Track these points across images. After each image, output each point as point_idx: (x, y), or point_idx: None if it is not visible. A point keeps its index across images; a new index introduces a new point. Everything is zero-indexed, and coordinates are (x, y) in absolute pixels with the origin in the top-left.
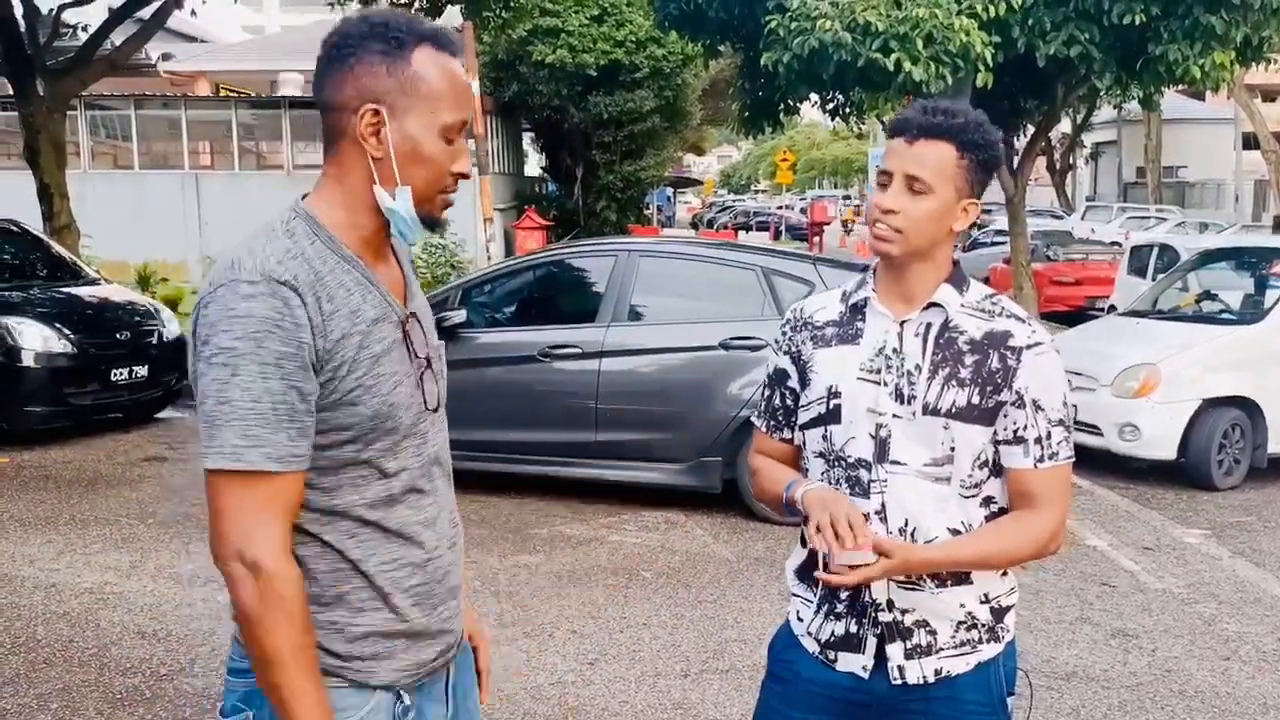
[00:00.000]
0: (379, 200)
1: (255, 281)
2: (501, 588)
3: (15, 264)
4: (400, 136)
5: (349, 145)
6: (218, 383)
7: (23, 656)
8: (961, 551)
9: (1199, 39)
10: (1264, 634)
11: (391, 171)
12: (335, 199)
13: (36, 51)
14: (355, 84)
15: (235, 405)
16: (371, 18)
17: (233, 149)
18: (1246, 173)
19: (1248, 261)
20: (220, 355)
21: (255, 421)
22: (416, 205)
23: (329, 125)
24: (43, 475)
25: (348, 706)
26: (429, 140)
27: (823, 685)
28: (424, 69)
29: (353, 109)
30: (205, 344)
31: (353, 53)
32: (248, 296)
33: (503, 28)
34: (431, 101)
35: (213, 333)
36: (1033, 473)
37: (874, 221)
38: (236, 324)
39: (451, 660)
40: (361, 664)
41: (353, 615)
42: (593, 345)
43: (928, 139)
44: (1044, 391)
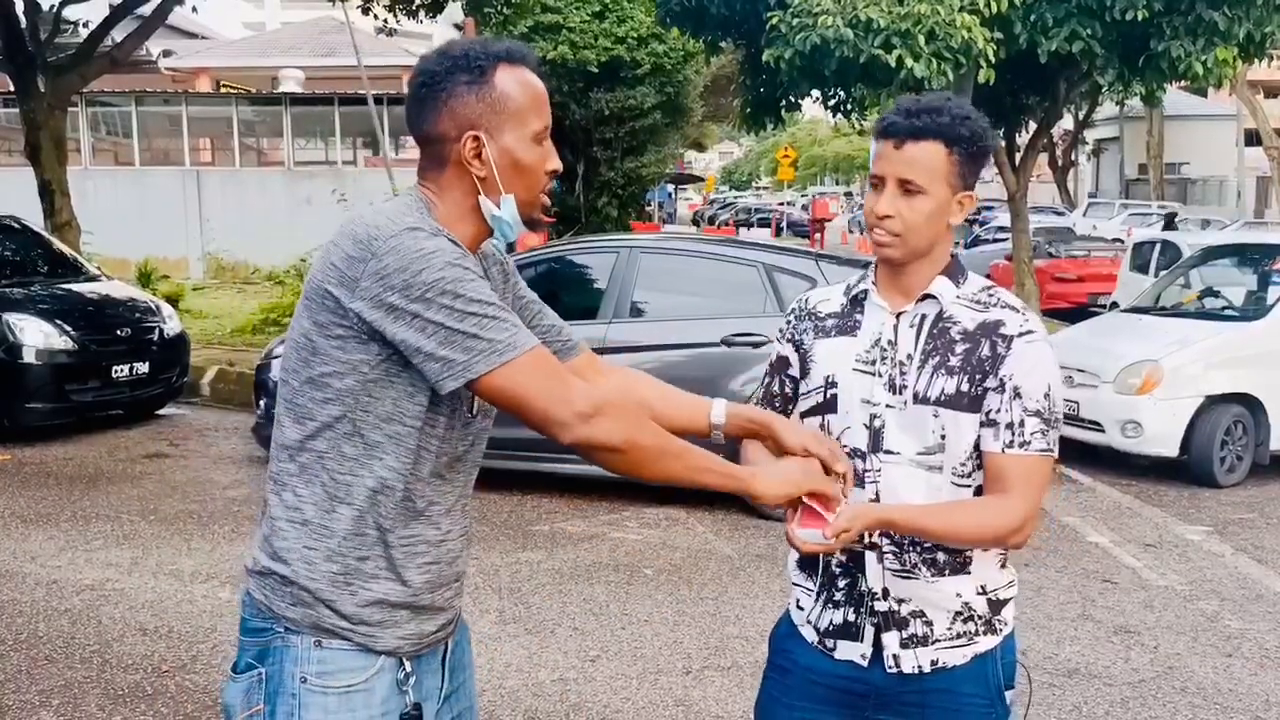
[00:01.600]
0: (485, 210)
1: (423, 228)
2: (503, 584)
3: (16, 261)
4: (499, 153)
5: (453, 169)
6: (448, 309)
7: (24, 653)
8: (925, 520)
9: (1201, 35)
10: (1266, 631)
11: (496, 185)
12: (436, 210)
13: (38, 48)
14: (452, 116)
15: (479, 314)
16: (450, 51)
17: (233, 145)
18: (1249, 169)
19: (1250, 258)
20: (434, 288)
21: (505, 317)
22: (521, 209)
23: (433, 154)
24: (44, 472)
25: (355, 667)
26: (524, 149)
27: (821, 675)
28: (507, 87)
29: (454, 139)
30: (409, 287)
31: (443, 88)
32: (429, 236)
33: (504, 24)
34: (520, 115)
35: (412, 275)
36: (1001, 457)
37: (872, 227)
38: (434, 258)
39: (450, 635)
40: (367, 629)
41: (365, 581)
42: (594, 341)
43: (915, 140)
44: (1026, 379)
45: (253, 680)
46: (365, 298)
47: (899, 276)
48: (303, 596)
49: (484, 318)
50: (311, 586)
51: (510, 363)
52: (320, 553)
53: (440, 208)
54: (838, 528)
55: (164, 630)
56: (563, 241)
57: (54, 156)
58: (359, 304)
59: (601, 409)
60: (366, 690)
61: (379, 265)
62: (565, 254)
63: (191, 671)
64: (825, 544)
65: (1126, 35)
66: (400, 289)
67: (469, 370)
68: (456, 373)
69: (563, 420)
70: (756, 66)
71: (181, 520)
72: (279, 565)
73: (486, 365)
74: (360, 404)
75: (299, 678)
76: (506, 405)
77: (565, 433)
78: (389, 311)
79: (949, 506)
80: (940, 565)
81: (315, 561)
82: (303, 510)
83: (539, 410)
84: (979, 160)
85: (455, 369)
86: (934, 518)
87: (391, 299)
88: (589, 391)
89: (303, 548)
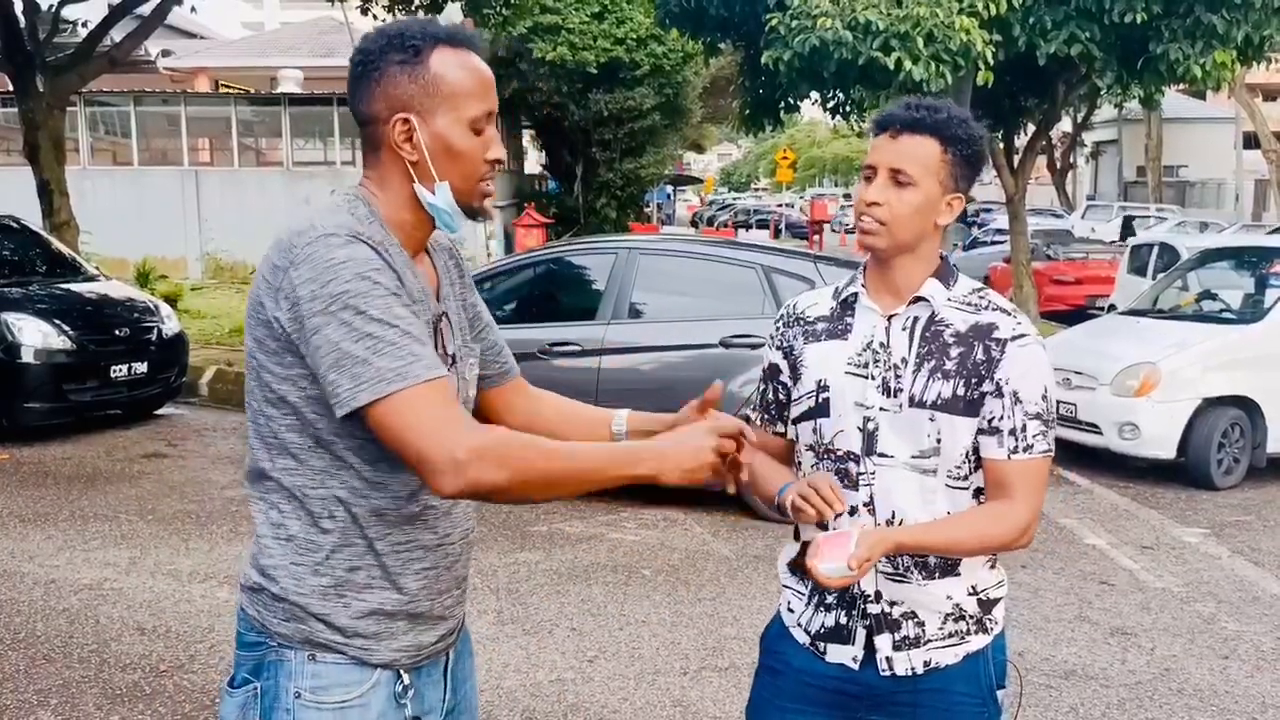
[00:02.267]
0: (421, 197)
1: (342, 234)
2: (501, 585)
3: (15, 260)
4: (431, 137)
5: (387, 153)
6: (346, 326)
7: (22, 652)
8: (935, 536)
9: (1200, 38)
10: (1263, 633)
11: (429, 171)
12: (378, 199)
13: (36, 47)
14: (384, 97)
15: (377, 336)
16: (387, 29)
17: (232, 145)
18: (1247, 172)
19: (1248, 261)
20: (337, 302)
21: (404, 342)
22: (457, 198)
23: (367, 137)
24: (42, 471)
25: (350, 681)
26: (458, 135)
27: (813, 676)
28: (443, 69)
29: (384, 120)
30: (314, 299)
31: (376, 67)
32: (344, 244)
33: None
34: (455, 99)
35: (319, 286)
36: (1006, 464)
37: (859, 215)
38: (343, 269)
39: (451, 646)
40: (363, 641)
41: (358, 592)
42: (593, 342)
43: (911, 133)
44: (1024, 383)
45: (248, 695)
46: (284, 308)
47: (887, 277)
48: (294, 612)
49: (379, 340)
50: (302, 602)
51: (395, 395)
52: (307, 567)
53: (382, 198)
54: (860, 556)
55: (162, 630)
56: (561, 242)
57: (53, 156)
58: (281, 314)
59: (481, 453)
60: (362, 705)
61: (296, 275)
62: (564, 255)
63: (189, 671)
64: (850, 576)
65: (1125, 38)
66: (309, 300)
67: (353, 399)
68: (343, 400)
69: (440, 467)
70: (755, 68)
71: (179, 520)
72: (268, 582)
73: (370, 395)
74: (315, 416)
75: (293, 693)
76: (386, 441)
77: (442, 481)
78: (299, 324)
79: (955, 520)
80: (931, 568)
81: (303, 577)
82: (286, 526)
83: (414, 453)
84: (973, 165)
85: (341, 396)
86: (942, 533)
87: (300, 310)
88: (473, 434)
89: (289, 564)
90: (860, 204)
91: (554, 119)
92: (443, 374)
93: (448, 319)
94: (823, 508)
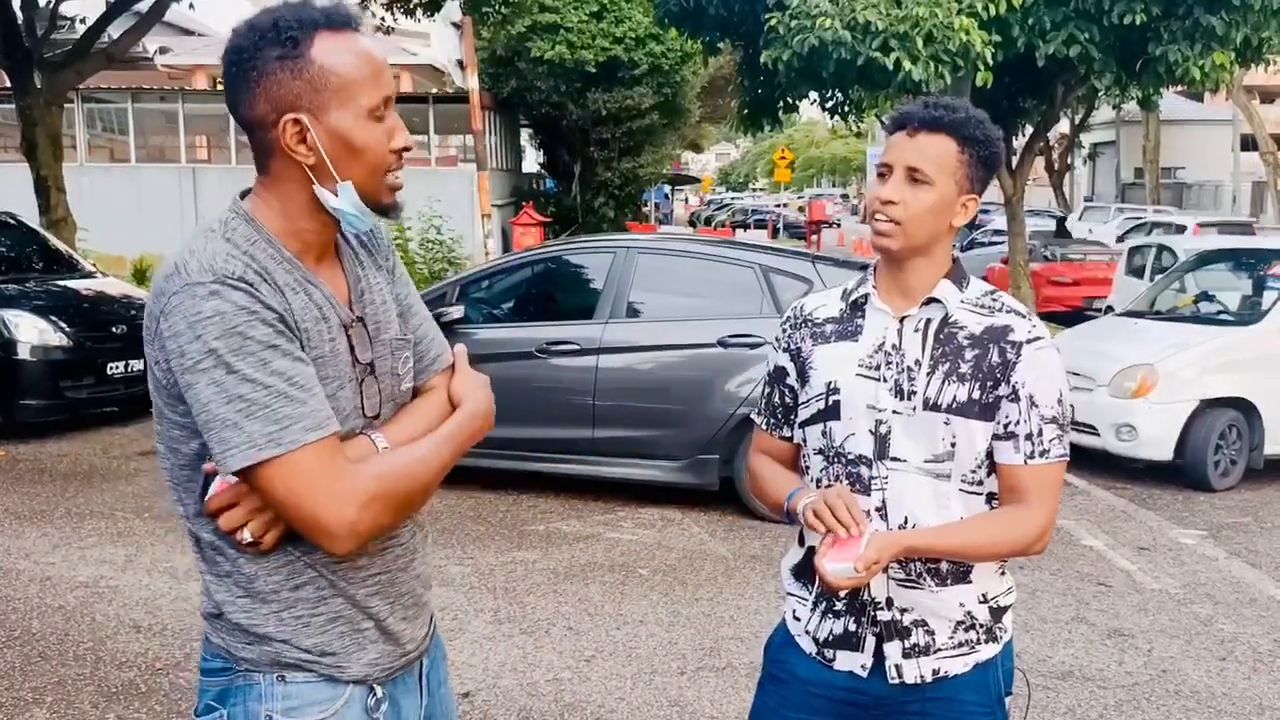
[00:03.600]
0: (323, 201)
1: (206, 281)
2: (498, 584)
3: (11, 257)
4: (327, 135)
5: (280, 158)
6: (215, 386)
7: (17, 650)
8: (947, 539)
9: (1199, 40)
10: (1260, 634)
11: (329, 171)
12: (273, 208)
13: (34, 44)
14: (266, 98)
15: (248, 399)
16: (258, 21)
17: (230, 143)
18: (1244, 174)
19: (1245, 263)
20: (207, 360)
21: (277, 405)
22: (363, 196)
23: (255, 143)
24: (38, 469)
25: (322, 699)
26: (358, 128)
27: (820, 686)
28: (329, 59)
29: (272, 123)
30: (183, 355)
31: (254, 66)
32: (209, 295)
33: (502, 23)
34: (347, 90)
35: (187, 342)
36: (1022, 469)
37: (873, 214)
38: (210, 325)
39: (425, 652)
40: (332, 658)
41: (313, 607)
42: (591, 342)
43: (929, 132)
44: (1040, 387)
45: None
46: (162, 358)
47: (899, 278)
48: (257, 638)
49: (251, 402)
50: (261, 631)
51: (270, 462)
52: (255, 598)
53: (276, 208)
54: (868, 559)
55: (158, 628)
56: (559, 241)
57: (50, 153)
58: (160, 363)
59: (369, 502)
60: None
61: (164, 327)
62: (562, 254)
63: (185, 669)
64: (857, 578)
65: (1124, 39)
66: (177, 355)
67: (224, 464)
68: (219, 463)
69: (334, 533)
70: (754, 68)
71: (176, 518)
72: (222, 614)
73: (242, 460)
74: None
75: (265, 716)
76: (268, 505)
77: (335, 545)
78: (174, 377)
79: (969, 524)
80: (944, 575)
81: (254, 607)
82: (219, 564)
83: (305, 518)
84: (989, 166)
85: (216, 459)
86: (956, 537)
87: (173, 365)
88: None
89: (236, 598)
90: (874, 202)
91: (552, 118)
92: (325, 433)
93: (363, 324)
94: (836, 529)
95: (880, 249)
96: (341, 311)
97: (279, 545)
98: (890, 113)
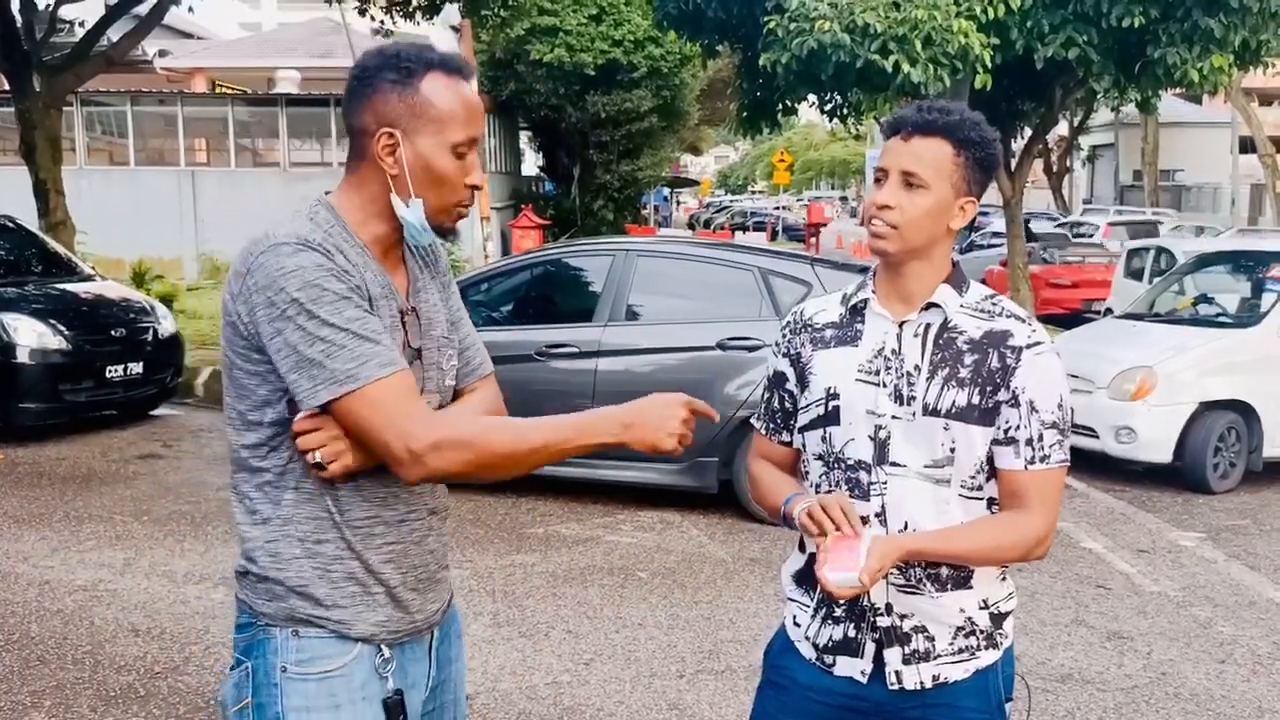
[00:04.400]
0: (395, 208)
1: (292, 243)
2: (497, 587)
3: (10, 260)
4: (413, 155)
5: (370, 163)
6: (301, 331)
7: (16, 654)
8: (949, 544)
9: (1197, 42)
10: (1259, 637)
11: (406, 185)
12: (354, 202)
13: (33, 47)
14: (373, 111)
15: (329, 340)
16: (386, 50)
17: (229, 146)
18: (1243, 176)
19: (1244, 265)
20: (291, 307)
21: (354, 345)
22: (430, 216)
23: (354, 146)
24: (37, 472)
25: (331, 654)
26: (440, 158)
27: (820, 692)
28: (432, 94)
29: (371, 132)
30: (271, 305)
31: (370, 83)
32: (294, 253)
33: (501, 26)
34: (440, 123)
35: (273, 294)
36: (1023, 474)
37: (870, 218)
38: (293, 277)
39: (436, 624)
40: (341, 613)
41: (329, 564)
42: (590, 345)
43: (924, 135)
44: (1040, 392)
45: (241, 674)
46: (245, 312)
47: (898, 283)
48: (275, 590)
49: (331, 344)
50: (281, 577)
51: (352, 394)
52: (281, 544)
53: (355, 203)
54: (871, 569)
55: (157, 631)
56: (558, 244)
57: (49, 156)
58: (244, 316)
59: (439, 443)
60: (345, 675)
61: (252, 282)
62: (561, 256)
63: (184, 673)
64: (859, 586)
65: (1122, 42)
66: (264, 306)
67: (313, 398)
68: (304, 398)
69: (400, 458)
70: (753, 70)
71: (175, 521)
72: (251, 565)
73: (328, 394)
74: (283, 407)
75: (279, 667)
76: (350, 434)
77: (404, 471)
78: (259, 327)
79: (970, 529)
80: (944, 580)
81: (278, 552)
82: (260, 511)
83: (379, 444)
84: (986, 169)
85: (302, 396)
86: (957, 541)
87: (258, 315)
88: (428, 426)
89: (264, 543)
90: (871, 207)
91: (551, 121)
92: (397, 369)
93: (416, 314)
94: (831, 530)
95: (878, 252)
96: (399, 299)
97: (343, 477)
98: (887, 117)
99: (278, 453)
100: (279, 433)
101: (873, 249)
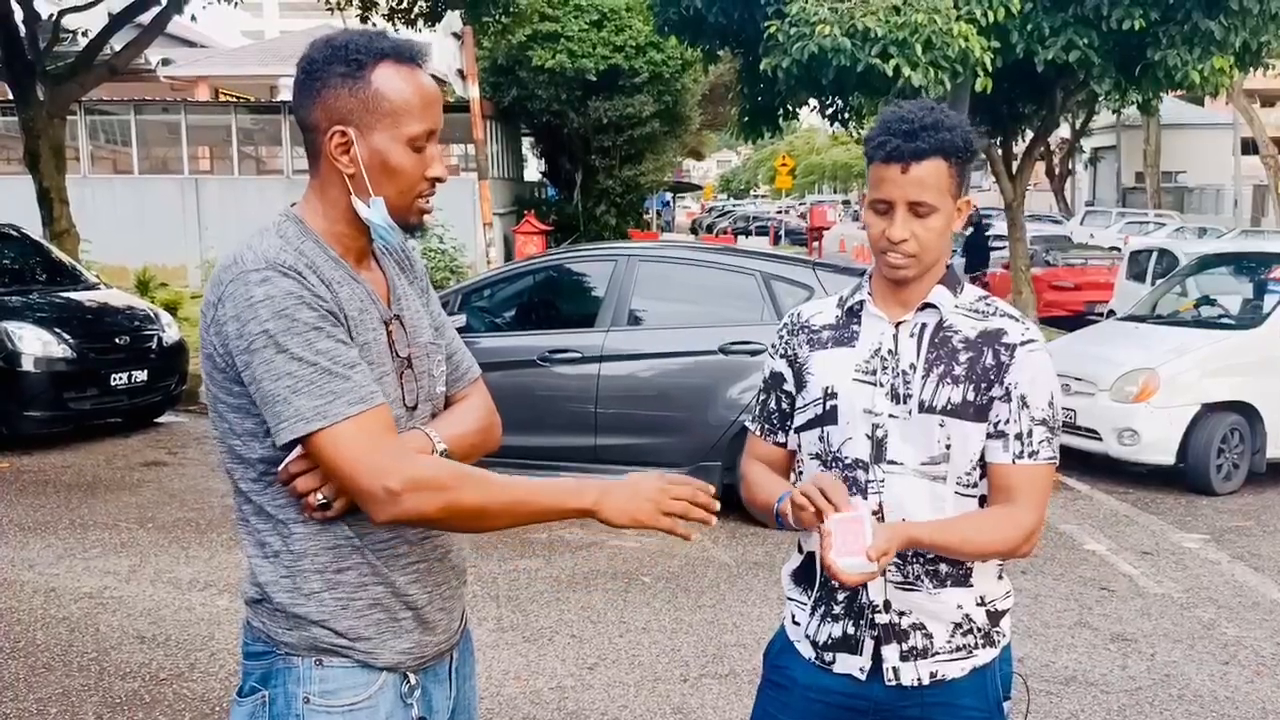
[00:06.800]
0: (357, 210)
1: (261, 269)
2: (501, 592)
3: (15, 269)
4: (368, 152)
5: (325, 163)
6: (267, 365)
7: (22, 661)
8: (947, 534)
9: (1198, 44)
10: (1263, 638)
11: (364, 184)
12: (318, 210)
13: (37, 56)
14: (323, 107)
15: (296, 375)
16: (334, 40)
17: (232, 154)
18: (1245, 178)
19: (1246, 267)
20: (259, 339)
21: (322, 381)
22: (393, 213)
23: (308, 145)
24: (42, 480)
25: (357, 684)
26: (397, 152)
27: (819, 691)
28: (385, 86)
29: (322, 130)
30: (240, 337)
31: (319, 77)
32: (261, 282)
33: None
34: (395, 116)
35: (241, 325)
36: (1010, 468)
37: (884, 251)
38: (261, 308)
39: (456, 645)
40: (366, 644)
41: (353, 592)
42: (592, 350)
43: (919, 161)
44: (1031, 388)
45: (257, 704)
46: (218, 343)
47: (896, 287)
48: (297, 622)
49: (297, 379)
50: (302, 612)
51: (320, 433)
52: (298, 578)
53: (320, 209)
54: (879, 547)
55: (162, 638)
56: (561, 249)
57: (53, 164)
58: (217, 348)
59: (417, 484)
60: (370, 707)
61: (223, 312)
62: (563, 262)
63: (189, 680)
64: (870, 570)
65: (1123, 44)
66: (234, 338)
67: (278, 436)
68: (274, 435)
69: (375, 495)
70: (754, 75)
71: (179, 528)
72: (265, 598)
73: (290, 435)
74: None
75: (302, 698)
76: (324, 472)
77: (378, 509)
78: (231, 359)
79: (962, 521)
80: (942, 577)
81: (297, 588)
82: (269, 544)
83: (349, 482)
84: (969, 163)
85: (272, 432)
86: (951, 533)
87: (229, 346)
88: (406, 466)
89: (280, 578)
90: (883, 241)
91: (553, 126)
92: (368, 406)
93: (400, 322)
94: (824, 506)
95: (898, 281)
96: (381, 308)
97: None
98: (871, 134)
99: (275, 487)
100: (271, 469)
101: (891, 278)
